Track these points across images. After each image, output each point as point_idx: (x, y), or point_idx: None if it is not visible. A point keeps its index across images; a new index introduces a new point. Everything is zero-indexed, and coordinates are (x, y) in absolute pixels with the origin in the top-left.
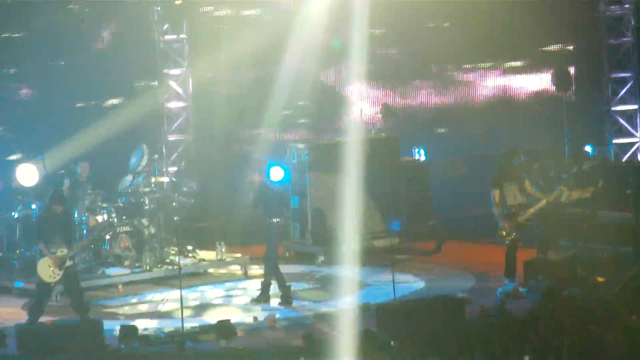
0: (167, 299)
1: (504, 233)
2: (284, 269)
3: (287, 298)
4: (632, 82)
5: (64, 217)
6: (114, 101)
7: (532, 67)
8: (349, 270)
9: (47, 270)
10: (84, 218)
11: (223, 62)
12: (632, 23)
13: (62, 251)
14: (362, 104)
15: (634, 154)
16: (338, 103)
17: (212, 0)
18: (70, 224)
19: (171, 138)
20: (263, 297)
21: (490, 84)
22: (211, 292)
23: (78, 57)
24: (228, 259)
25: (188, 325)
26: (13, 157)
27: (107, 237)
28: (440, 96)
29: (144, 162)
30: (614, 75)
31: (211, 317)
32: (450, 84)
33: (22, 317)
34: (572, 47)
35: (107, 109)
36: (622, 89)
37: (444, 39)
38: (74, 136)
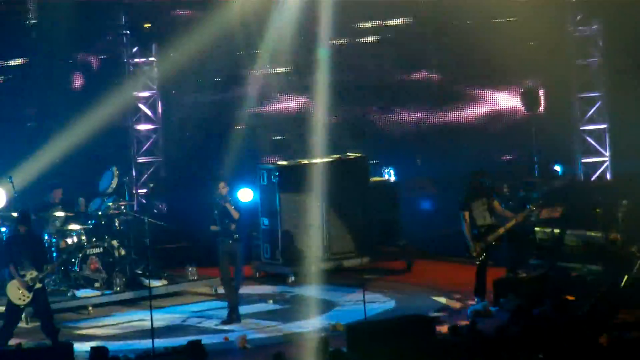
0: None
1: (474, 254)
2: (255, 289)
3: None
4: (600, 102)
5: (31, 238)
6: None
7: (501, 86)
8: (319, 290)
9: (16, 293)
10: (54, 240)
11: (191, 83)
12: (601, 44)
13: (31, 274)
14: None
15: (603, 172)
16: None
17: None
18: (39, 246)
19: (141, 160)
20: (233, 317)
21: (457, 103)
22: (182, 313)
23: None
24: (198, 280)
25: (159, 346)
26: None
27: (77, 259)
28: (408, 116)
29: (113, 184)
30: (582, 95)
31: (182, 338)
32: (415, 105)
33: None
34: (540, 67)
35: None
36: (591, 108)
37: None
38: (41, 157)
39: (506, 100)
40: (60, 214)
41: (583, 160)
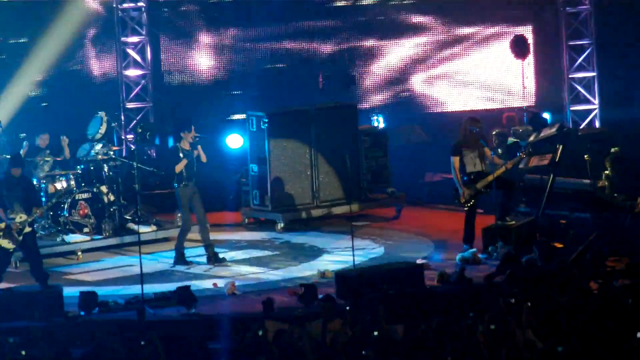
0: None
1: (463, 199)
2: (244, 235)
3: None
4: (589, 50)
5: (23, 182)
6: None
7: (491, 34)
8: (308, 237)
9: (5, 237)
10: (42, 185)
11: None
12: None
13: (21, 217)
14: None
15: (592, 120)
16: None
17: None
18: (30, 189)
19: (130, 106)
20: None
21: (446, 50)
22: (171, 259)
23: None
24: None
25: (148, 291)
26: None
27: (66, 204)
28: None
29: (102, 129)
30: (571, 43)
31: (171, 284)
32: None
33: None
34: (530, 14)
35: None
36: (580, 56)
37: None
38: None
39: (496, 49)
40: (48, 159)
41: (572, 108)
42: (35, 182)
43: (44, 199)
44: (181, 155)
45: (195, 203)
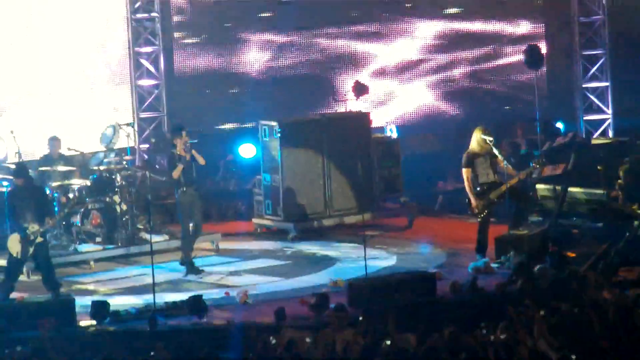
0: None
1: (476, 211)
2: (256, 244)
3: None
4: (603, 60)
5: (32, 191)
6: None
7: (505, 44)
8: (320, 246)
9: (17, 247)
10: (55, 195)
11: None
12: (603, 1)
13: (32, 227)
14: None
15: (605, 130)
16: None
17: None
18: (42, 199)
19: (143, 115)
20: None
21: (461, 62)
22: (183, 268)
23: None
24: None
25: (160, 301)
26: None
27: (79, 213)
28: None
29: (115, 139)
30: (585, 53)
31: (183, 293)
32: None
33: None
34: (543, 24)
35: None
36: (593, 66)
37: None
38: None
39: (510, 57)
40: (61, 168)
41: (585, 118)
42: (48, 192)
43: (56, 209)
44: (177, 162)
45: (194, 210)
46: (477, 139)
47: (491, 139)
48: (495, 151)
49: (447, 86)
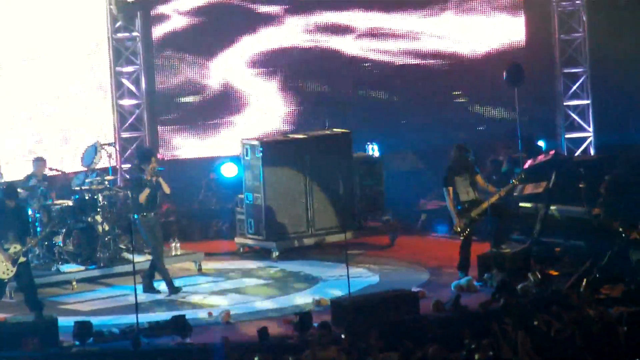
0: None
1: (458, 229)
2: (239, 264)
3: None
4: (584, 77)
5: (17, 212)
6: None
7: (485, 61)
8: (303, 265)
9: (0, 267)
10: (37, 215)
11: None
12: (584, 19)
13: (15, 247)
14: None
15: (586, 148)
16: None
17: None
18: (23, 219)
19: (124, 135)
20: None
21: (441, 76)
22: (165, 288)
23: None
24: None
25: (143, 321)
26: None
27: (61, 233)
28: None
29: (97, 159)
30: (565, 71)
31: (166, 313)
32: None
33: None
34: (524, 42)
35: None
36: (574, 83)
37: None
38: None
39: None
40: (43, 188)
41: (567, 136)
42: (30, 212)
43: (38, 229)
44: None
45: (155, 234)
46: (454, 157)
47: (469, 156)
48: (476, 169)
49: (427, 102)
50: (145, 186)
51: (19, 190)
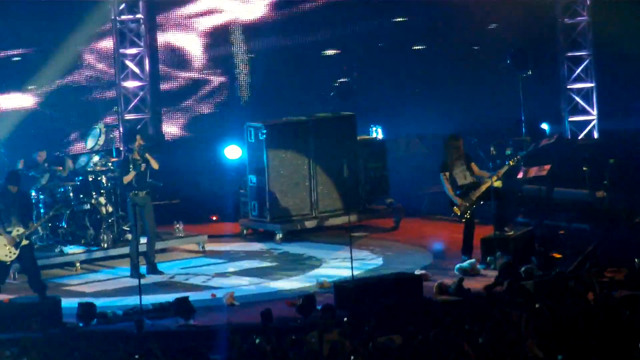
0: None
1: (459, 212)
2: (243, 246)
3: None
4: (587, 61)
5: (20, 196)
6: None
7: (490, 46)
8: (306, 247)
9: (3, 250)
10: (41, 197)
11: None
12: (588, 2)
13: (17, 230)
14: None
15: (590, 131)
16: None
17: None
18: (26, 203)
19: (128, 117)
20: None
21: (446, 62)
22: (169, 270)
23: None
24: (185, 237)
25: (147, 302)
26: None
27: (65, 215)
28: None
29: (100, 141)
30: (569, 54)
31: (169, 295)
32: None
33: None
34: (528, 26)
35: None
36: (578, 67)
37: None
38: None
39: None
40: (47, 175)
41: (570, 119)
42: (33, 194)
43: (42, 211)
44: (130, 167)
45: (146, 214)
46: (451, 144)
47: (459, 144)
48: (472, 155)
49: (432, 89)
50: (133, 165)
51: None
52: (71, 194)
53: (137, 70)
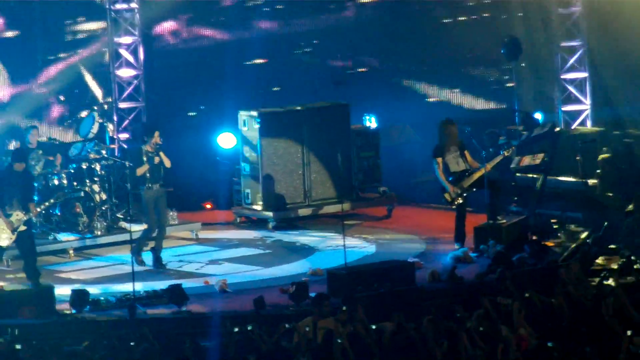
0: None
1: (450, 198)
2: (236, 234)
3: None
4: (581, 51)
5: (24, 176)
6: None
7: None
8: (299, 235)
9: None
10: (35, 184)
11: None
12: None
13: (17, 214)
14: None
15: (583, 121)
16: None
17: None
18: (29, 184)
19: (122, 105)
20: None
21: (437, 52)
22: (162, 257)
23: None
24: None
25: (140, 289)
26: None
27: (59, 202)
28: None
29: (94, 128)
30: (563, 44)
31: (162, 282)
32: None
33: None
34: (521, 15)
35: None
36: (572, 57)
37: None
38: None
39: (487, 48)
40: (42, 162)
41: (564, 109)
42: None
43: (35, 199)
44: (144, 158)
45: (159, 207)
46: (445, 130)
47: (454, 130)
48: (465, 143)
49: (427, 76)
50: (147, 158)
51: None
52: (65, 181)
53: (131, 58)
